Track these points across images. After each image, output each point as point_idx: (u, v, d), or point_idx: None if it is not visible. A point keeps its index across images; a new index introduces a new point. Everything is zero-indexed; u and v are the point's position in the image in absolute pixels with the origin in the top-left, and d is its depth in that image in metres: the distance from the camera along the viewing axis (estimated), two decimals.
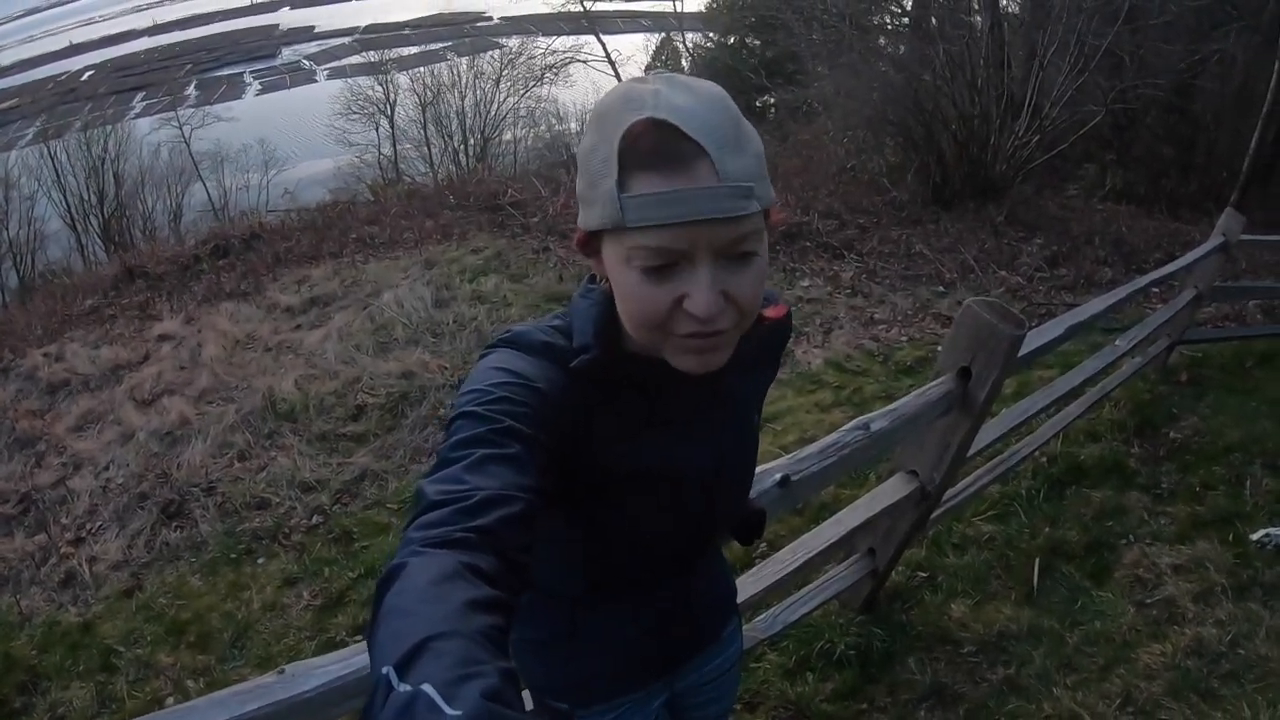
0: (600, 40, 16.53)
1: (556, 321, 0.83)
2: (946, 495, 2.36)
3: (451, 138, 16.07)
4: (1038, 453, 3.05)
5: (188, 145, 17.59)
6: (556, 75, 17.13)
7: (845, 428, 1.59)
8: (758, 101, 13.13)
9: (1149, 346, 3.64)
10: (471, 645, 0.50)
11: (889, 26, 11.44)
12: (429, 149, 16.42)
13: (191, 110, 20.00)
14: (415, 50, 22.60)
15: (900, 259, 6.03)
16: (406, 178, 14.04)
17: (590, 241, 0.74)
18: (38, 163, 16.02)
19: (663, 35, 19.39)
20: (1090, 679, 2.20)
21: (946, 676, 2.24)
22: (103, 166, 15.87)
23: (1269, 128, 7.88)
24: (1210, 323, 4.89)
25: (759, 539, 1.05)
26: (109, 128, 17.03)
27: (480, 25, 26.44)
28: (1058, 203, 7.89)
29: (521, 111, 16.53)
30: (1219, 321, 4.98)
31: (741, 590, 1.72)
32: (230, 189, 17.04)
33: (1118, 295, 2.73)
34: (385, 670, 0.49)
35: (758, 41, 13.36)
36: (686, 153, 0.65)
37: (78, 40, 29.43)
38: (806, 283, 5.59)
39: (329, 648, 2.47)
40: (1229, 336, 4.48)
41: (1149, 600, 2.48)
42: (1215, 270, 3.68)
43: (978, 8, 8.51)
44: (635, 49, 19.14)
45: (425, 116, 16.48)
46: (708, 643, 1.09)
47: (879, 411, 1.68)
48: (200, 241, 7.71)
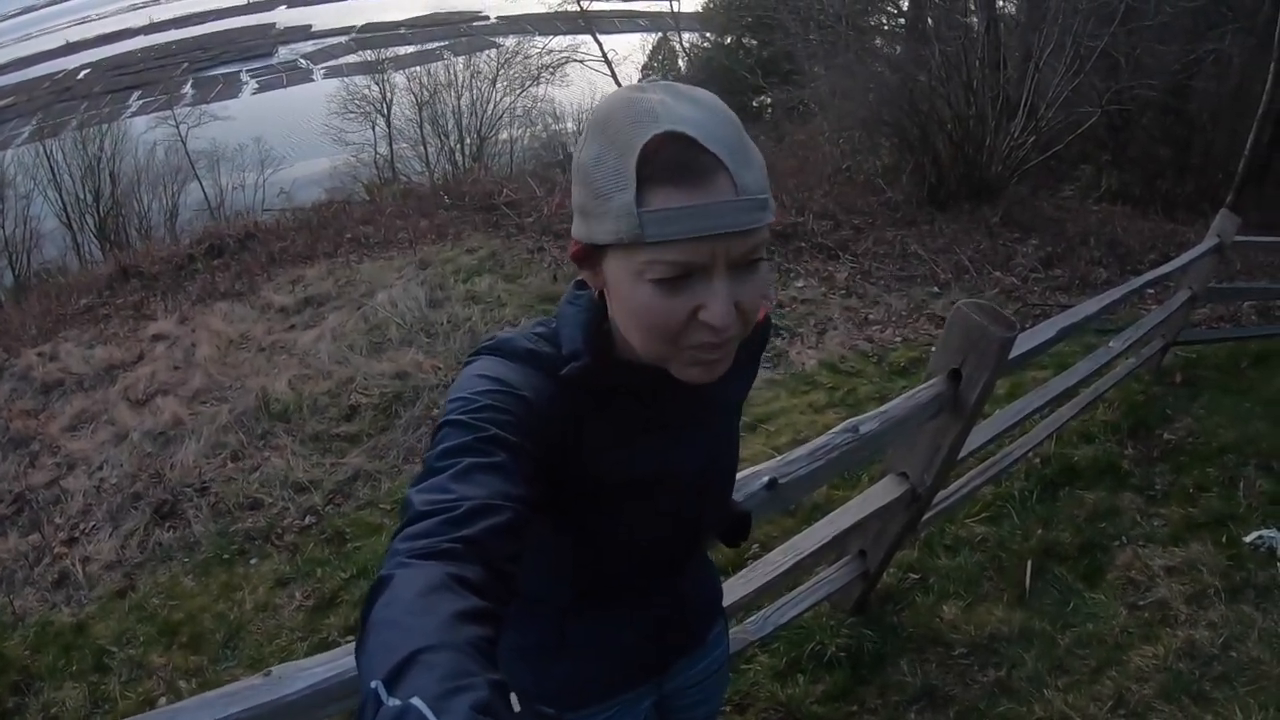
0: (597, 40, 16.55)
1: (541, 328, 0.82)
2: (939, 497, 2.36)
3: (448, 137, 16.00)
4: (1031, 454, 3.05)
5: (184, 144, 17.49)
6: (553, 75, 17.13)
7: (834, 430, 1.59)
8: (754, 102, 13.13)
9: (1143, 347, 3.65)
10: (461, 657, 0.50)
11: (885, 27, 11.45)
12: (425, 149, 16.36)
13: (187, 109, 19.87)
14: (412, 49, 22.54)
15: (895, 260, 6.03)
16: (403, 177, 14.00)
17: (591, 255, 0.73)
18: (33, 161, 15.89)
19: (659, 35, 19.43)
20: (1082, 681, 2.20)
21: (937, 678, 2.24)
22: (98, 165, 15.75)
23: (1264, 129, 7.90)
24: (1205, 324, 4.90)
25: (745, 541, 1.05)
26: (105, 126, 16.91)
27: (477, 25, 26.41)
28: (1053, 204, 7.90)
29: (518, 111, 16.49)
30: (1214, 322, 4.99)
31: (732, 592, 1.72)
32: (226, 188, 16.97)
33: (1111, 297, 2.73)
34: (374, 684, 0.48)
35: (754, 41, 13.38)
36: (706, 166, 0.65)
37: (73, 39, 29.30)
38: (801, 283, 5.59)
39: (321, 648, 2.46)
40: (1224, 338, 4.48)
41: (1141, 602, 2.47)
42: (1210, 271, 3.68)
43: (973, 9, 8.51)
44: (632, 49, 19.19)
45: (421, 116, 16.42)
46: (694, 645, 1.09)
47: (868, 414, 1.67)
48: (195, 241, 7.71)
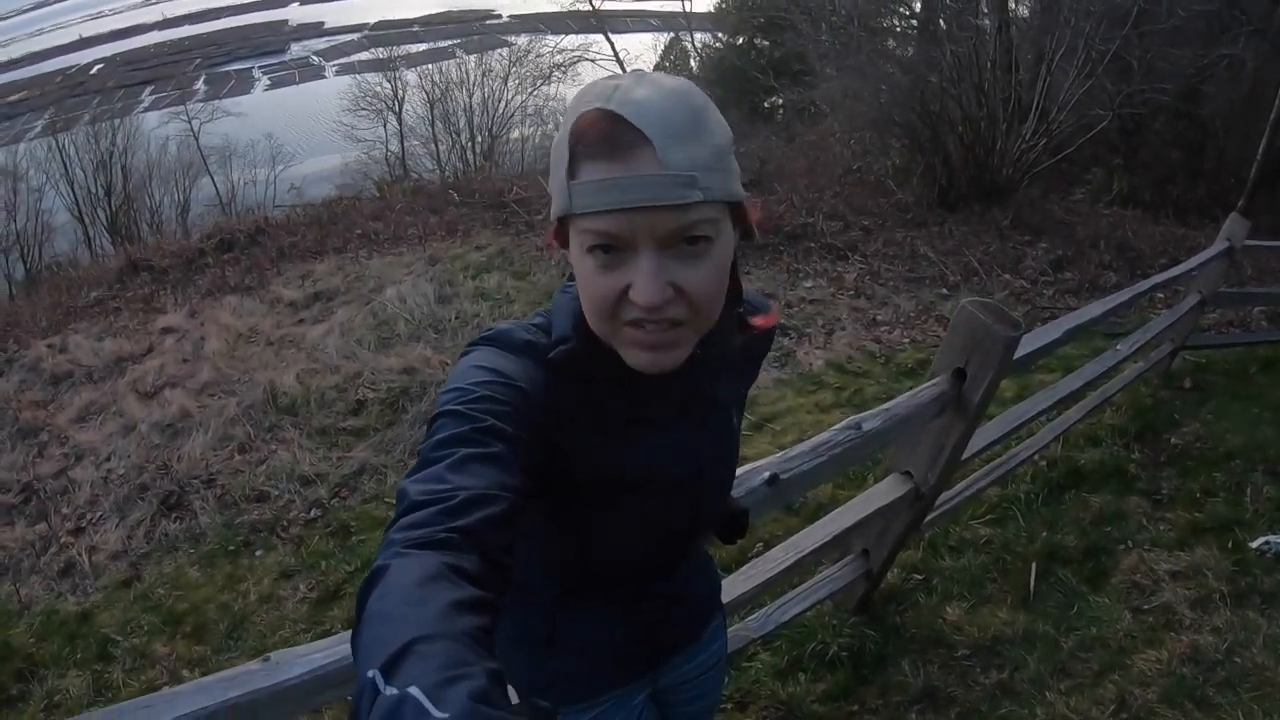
0: (609, 39, 16.51)
1: (538, 320, 0.83)
2: (944, 498, 2.35)
3: (459, 135, 16.02)
4: (1037, 456, 3.03)
5: (196, 139, 17.60)
6: (565, 74, 17.07)
7: (837, 427, 1.58)
8: (765, 102, 13.10)
9: (1151, 351, 3.63)
10: (457, 647, 0.50)
11: (897, 29, 11.40)
12: (436, 146, 16.38)
13: (200, 105, 20.01)
14: (424, 47, 22.57)
15: (904, 261, 6.01)
16: (414, 175, 14.04)
17: (559, 232, 0.75)
18: (46, 155, 16.04)
19: (671, 35, 19.39)
20: (1084, 685, 2.19)
21: (939, 679, 2.23)
22: (111, 160, 15.87)
23: (1277, 134, 7.82)
24: (1214, 328, 4.87)
25: (742, 537, 1.04)
26: (117, 121, 17.02)
27: (489, 23, 26.45)
28: (1064, 207, 7.86)
29: (529, 110, 16.50)
30: (1223, 327, 4.96)
31: (733, 588, 1.71)
32: (237, 184, 17.03)
33: (1118, 299, 2.72)
34: (371, 673, 0.48)
35: (766, 42, 13.35)
36: (629, 141, 0.66)
37: (87, 34, 29.51)
38: (810, 283, 5.58)
39: None
40: (1233, 342, 4.45)
41: (1146, 606, 2.46)
42: (1220, 275, 3.66)
43: (986, 11, 8.47)
44: (644, 48, 19.17)
45: (433, 114, 16.42)
46: (689, 642, 1.09)
47: (871, 411, 1.67)
48: (205, 235, 7.75)
